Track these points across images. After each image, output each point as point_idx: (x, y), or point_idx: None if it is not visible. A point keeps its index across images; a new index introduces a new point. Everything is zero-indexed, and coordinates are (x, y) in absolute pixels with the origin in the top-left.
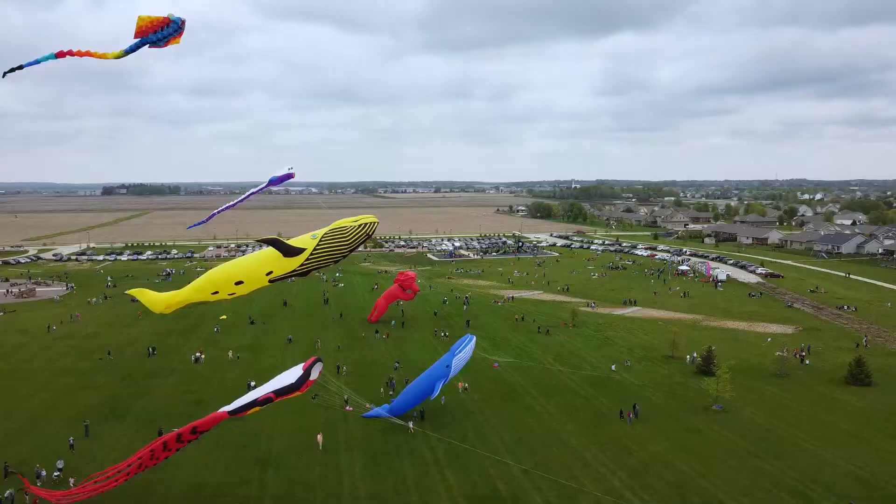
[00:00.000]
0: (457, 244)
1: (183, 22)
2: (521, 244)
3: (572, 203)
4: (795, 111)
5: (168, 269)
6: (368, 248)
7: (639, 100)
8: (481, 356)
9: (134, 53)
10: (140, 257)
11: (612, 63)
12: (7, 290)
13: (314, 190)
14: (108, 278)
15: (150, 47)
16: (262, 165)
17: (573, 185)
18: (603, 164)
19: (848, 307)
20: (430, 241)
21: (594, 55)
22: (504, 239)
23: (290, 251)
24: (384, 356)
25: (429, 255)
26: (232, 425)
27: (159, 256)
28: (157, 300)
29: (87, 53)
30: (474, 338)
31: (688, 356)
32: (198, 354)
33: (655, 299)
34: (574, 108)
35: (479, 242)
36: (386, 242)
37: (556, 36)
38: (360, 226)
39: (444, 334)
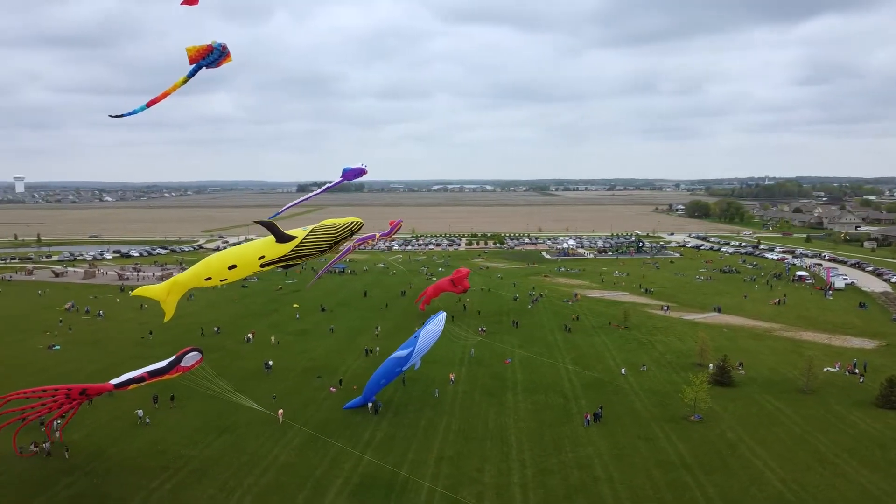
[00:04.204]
0: (572, 242)
1: (224, 46)
2: (640, 244)
3: (729, 202)
4: None
5: None
6: (487, 245)
7: (847, 88)
8: (502, 349)
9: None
10: None
11: (814, 49)
12: (153, 273)
13: (488, 188)
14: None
15: (206, 69)
16: (443, 165)
17: (765, 182)
18: (804, 159)
19: None
20: (557, 238)
21: (791, 42)
22: (633, 238)
23: (282, 237)
24: None
25: (543, 253)
26: (222, 398)
27: None
28: (155, 291)
29: (166, 93)
30: (444, 313)
31: (711, 364)
32: (249, 336)
33: (742, 305)
34: (770, 100)
35: (603, 241)
36: (510, 239)
37: (746, 24)
38: (346, 224)
39: (482, 329)
